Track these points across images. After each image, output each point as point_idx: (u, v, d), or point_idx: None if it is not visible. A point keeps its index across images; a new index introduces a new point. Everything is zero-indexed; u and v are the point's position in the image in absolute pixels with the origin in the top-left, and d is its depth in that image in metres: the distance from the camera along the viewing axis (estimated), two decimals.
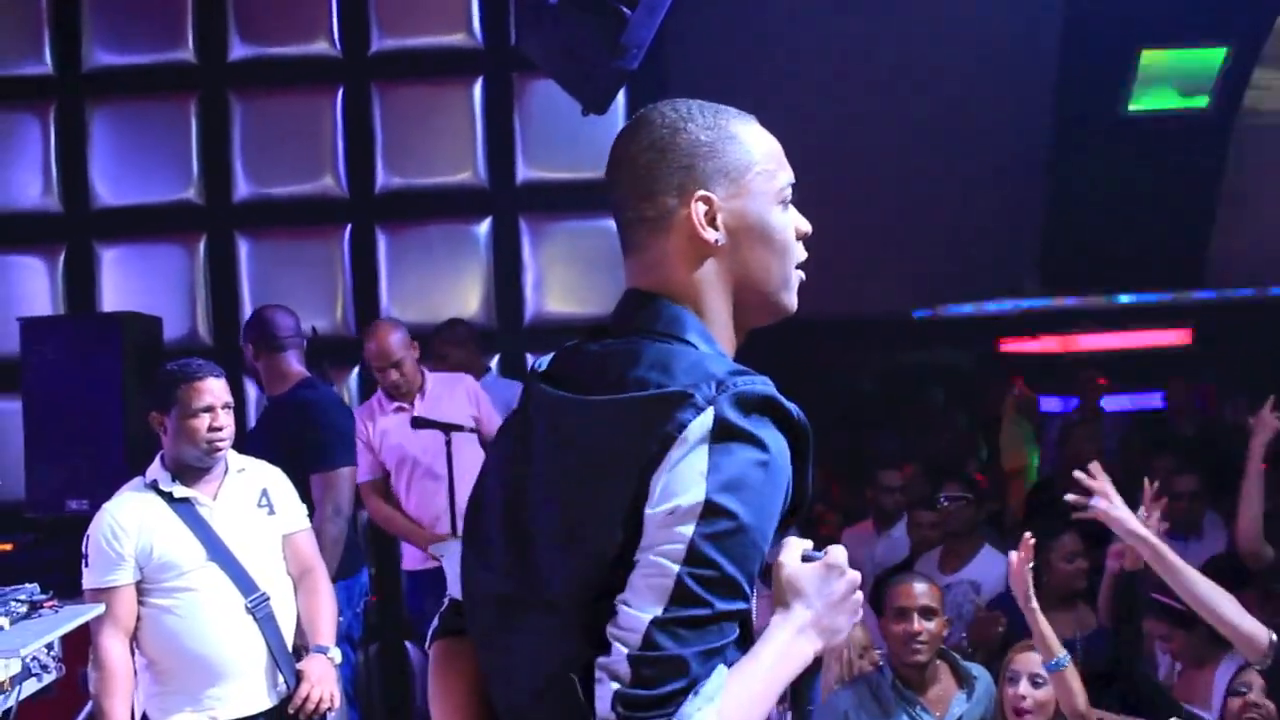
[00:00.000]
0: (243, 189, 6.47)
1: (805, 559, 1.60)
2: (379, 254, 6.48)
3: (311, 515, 4.03)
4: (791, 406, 1.52)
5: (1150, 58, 7.91)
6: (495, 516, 1.66)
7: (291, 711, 3.69)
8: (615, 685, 1.41)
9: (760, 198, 1.64)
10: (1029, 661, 3.69)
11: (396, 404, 5.37)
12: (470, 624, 1.71)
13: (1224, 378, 8.54)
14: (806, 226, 1.70)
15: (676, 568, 1.42)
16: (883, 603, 4.04)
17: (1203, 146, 8.25)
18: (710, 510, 1.43)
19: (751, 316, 1.67)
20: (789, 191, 1.67)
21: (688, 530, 1.43)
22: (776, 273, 1.65)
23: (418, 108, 6.52)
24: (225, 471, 3.72)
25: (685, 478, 1.44)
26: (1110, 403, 8.41)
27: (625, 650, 1.42)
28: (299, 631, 3.84)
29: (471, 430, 5.24)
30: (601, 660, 1.44)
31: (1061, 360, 8.89)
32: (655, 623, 1.41)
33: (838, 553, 1.61)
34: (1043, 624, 3.52)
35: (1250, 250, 8.65)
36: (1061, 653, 3.54)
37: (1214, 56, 8.00)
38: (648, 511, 1.46)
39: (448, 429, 5.14)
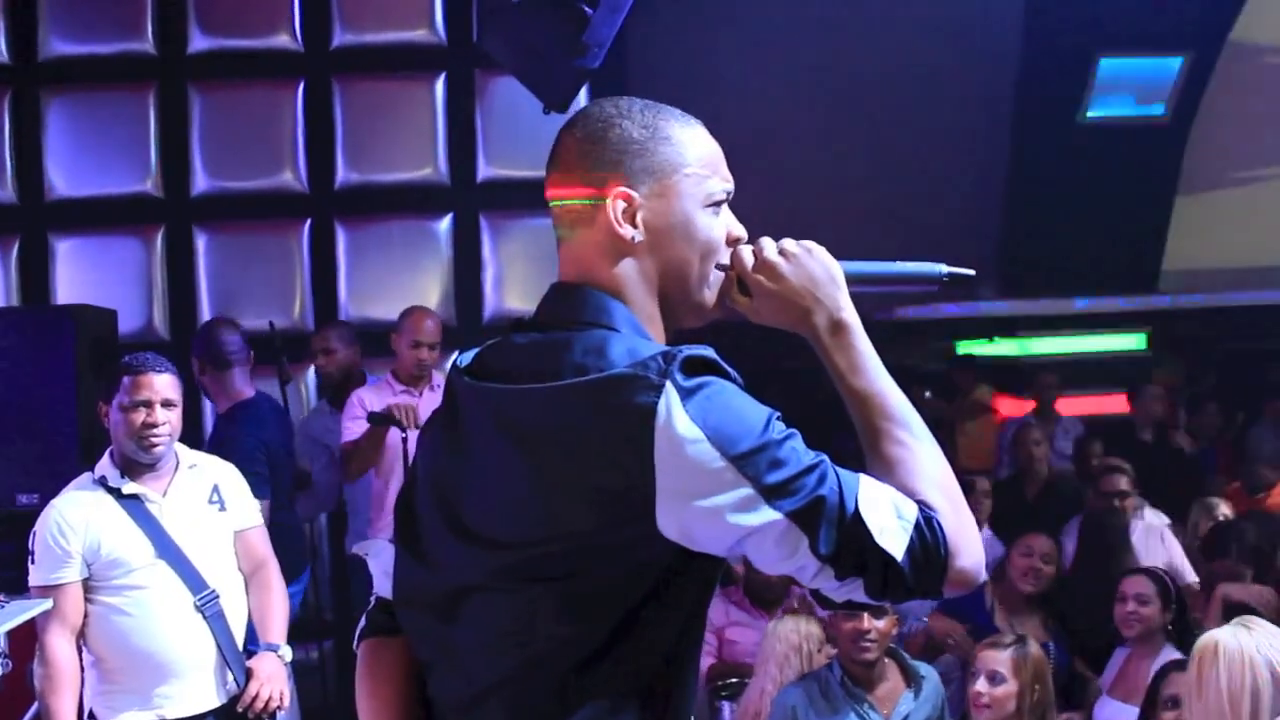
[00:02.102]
0: (201, 182, 6.42)
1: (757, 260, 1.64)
2: (338, 249, 6.46)
3: None
4: (731, 370, 1.53)
5: (1108, 65, 7.99)
6: (431, 514, 1.65)
7: (240, 710, 3.66)
8: (865, 593, 1.47)
9: (686, 199, 1.63)
10: (988, 659, 3.72)
11: (404, 388, 5.37)
12: (406, 622, 1.70)
13: (1179, 382, 8.64)
14: (740, 230, 1.69)
15: (776, 515, 1.44)
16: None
17: (1159, 153, 8.35)
18: (739, 461, 1.44)
19: (674, 315, 1.66)
20: (721, 197, 1.66)
21: (747, 490, 1.44)
22: (695, 272, 1.64)
23: (379, 103, 6.50)
24: (176, 468, 3.69)
25: (695, 459, 1.44)
26: (1066, 406, 8.49)
27: (817, 582, 1.48)
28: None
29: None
30: (847, 603, 1.55)
31: (1018, 363, 8.97)
32: (820, 556, 1.45)
33: (766, 244, 1.66)
34: None
35: (1204, 257, 8.77)
36: None
37: (1170, 64, 8.10)
38: (688, 513, 1.45)
39: (402, 426, 5.12)
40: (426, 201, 6.52)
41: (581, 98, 5.85)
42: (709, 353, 1.51)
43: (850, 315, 1.63)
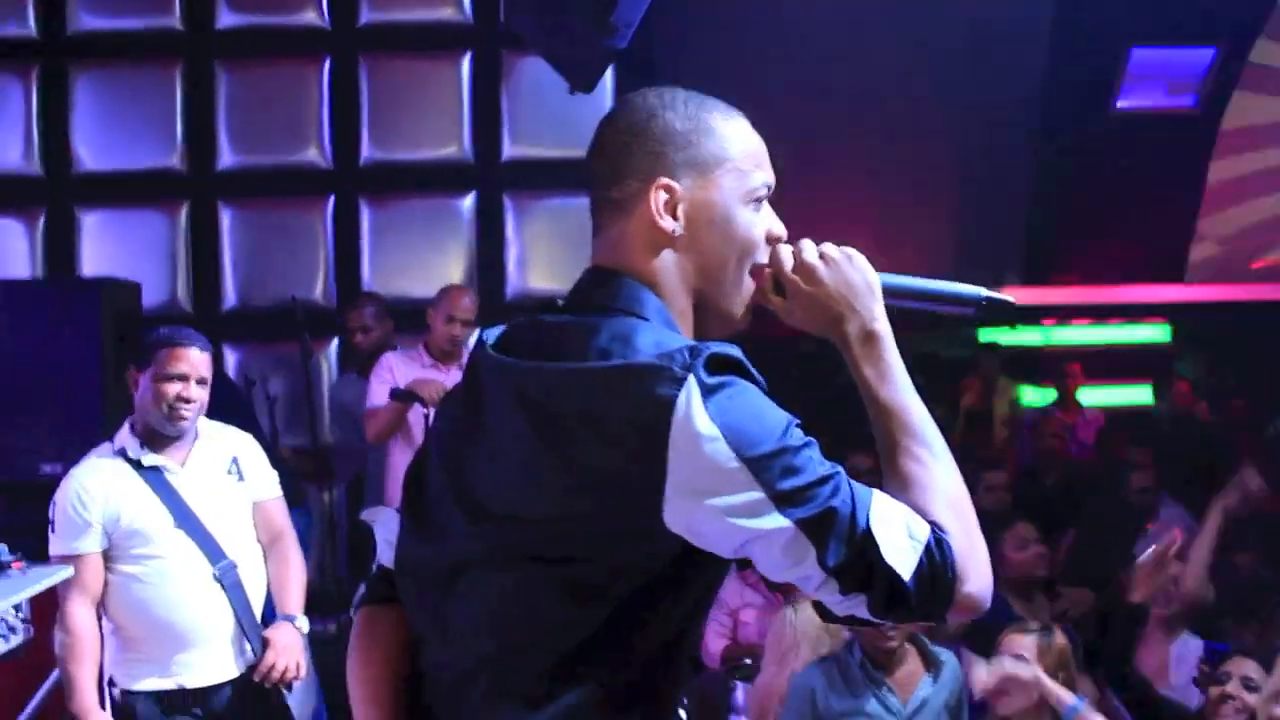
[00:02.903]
0: (227, 158, 6.45)
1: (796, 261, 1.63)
2: (362, 226, 6.49)
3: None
4: (756, 373, 1.51)
5: (1140, 55, 7.93)
6: (440, 486, 1.65)
7: (257, 680, 3.69)
8: (869, 611, 1.46)
9: (728, 194, 1.62)
10: (1013, 644, 3.74)
11: (434, 362, 5.40)
12: (404, 593, 1.70)
13: (1201, 374, 8.60)
14: (781, 229, 1.67)
15: (786, 522, 1.43)
16: None
17: (1189, 145, 8.29)
18: (753, 464, 1.43)
19: (707, 318, 1.65)
20: (763, 192, 1.65)
21: (758, 494, 1.43)
22: (732, 272, 1.63)
23: (405, 81, 6.52)
24: (195, 438, 3.70)
25: (710, 457, 1.43)
26: (1088, 395, 8.45)
27: (841, 596, 1.46)
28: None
29: None
30: (849, 618, 1.49)
31: (1042, 352, 8.93)
32: (826, 568, 1.44)
33: (807, 247, 1.64)
34: (1049, 687, 3.57)
35: (1230, 249, 8.72)
36: (1071, 701, 3.57)
37: (1202, 56, 8.03)
38: (698, 509, 1.44)
39: (425, 402, 5.15)
40: (450, 180, 6.53)
41: (607, 79, 5.86)
42: (735, 352, 1.50)
43: (883, 326, 1.62)
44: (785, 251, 1.65)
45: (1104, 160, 7.92)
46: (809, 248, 1.65)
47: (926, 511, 1.48)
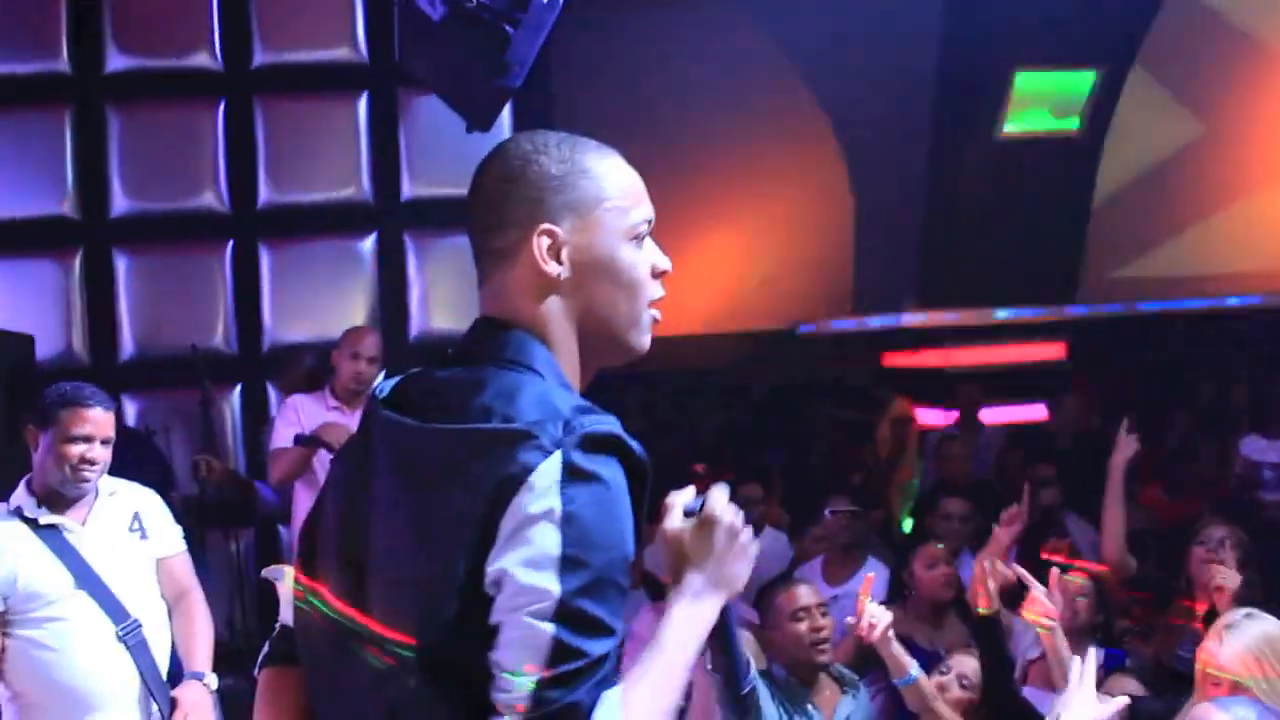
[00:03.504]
0: (120, 203, 6.33)
1: (686, 514, 1.63)
2: (262, 270, 6.40)
3: None
4: (635, 445, 1.51)
5: (1024, 80, 8.15)
6: (330, 545, 1.64)
7: None
8: None
9: (609, 233, 1.62)
10: (959, 662, 3.92)
11: (337, 404, 5.32)
12: (302, 652, 1.68)
13: (1097, 391, 8.81)
14: (665, 263, 1.68)
15: (550, 626, 1.41)
16: (770, 612, 4.08)
17: (1074, 166, 8.52)
18: (569, 564, 1.43)
19: (600, 354, 1.65)
20: (645, 228, 1.66)
21: (552, 587, 1.42)
22: (624, 310, 1.64)
23: (301, 122, 6.46)
24: (95, 496, 3.62)
25: (539, 530, 1.43)
26: (989, 415, 8.61)
27: (514, 715, 1.41)
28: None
29: None
30: None
31: (942, 374, 9.09)
32: (540, 684, 1.41)
33: (715, 500, 1.63)
34: (891, 650, 3.69)
35: (1120, 267, 8.97)
36: (911, 670, 3.64)
37: (1085, 79, 8.27)
38: (500, 564, 1.44)
39: (330, 447, 5.10)
40: (350, 221, 6.49)
41: (505, 116, 5.87)
42: (615, 429, 1.50)
43: (712, 607, 1.61)
44: (721, 497, 1.65)
45: (995, 183, 8.12)
46: (733, 514, 1.64)
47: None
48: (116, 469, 3.69)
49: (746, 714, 1.84)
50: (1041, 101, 8.34)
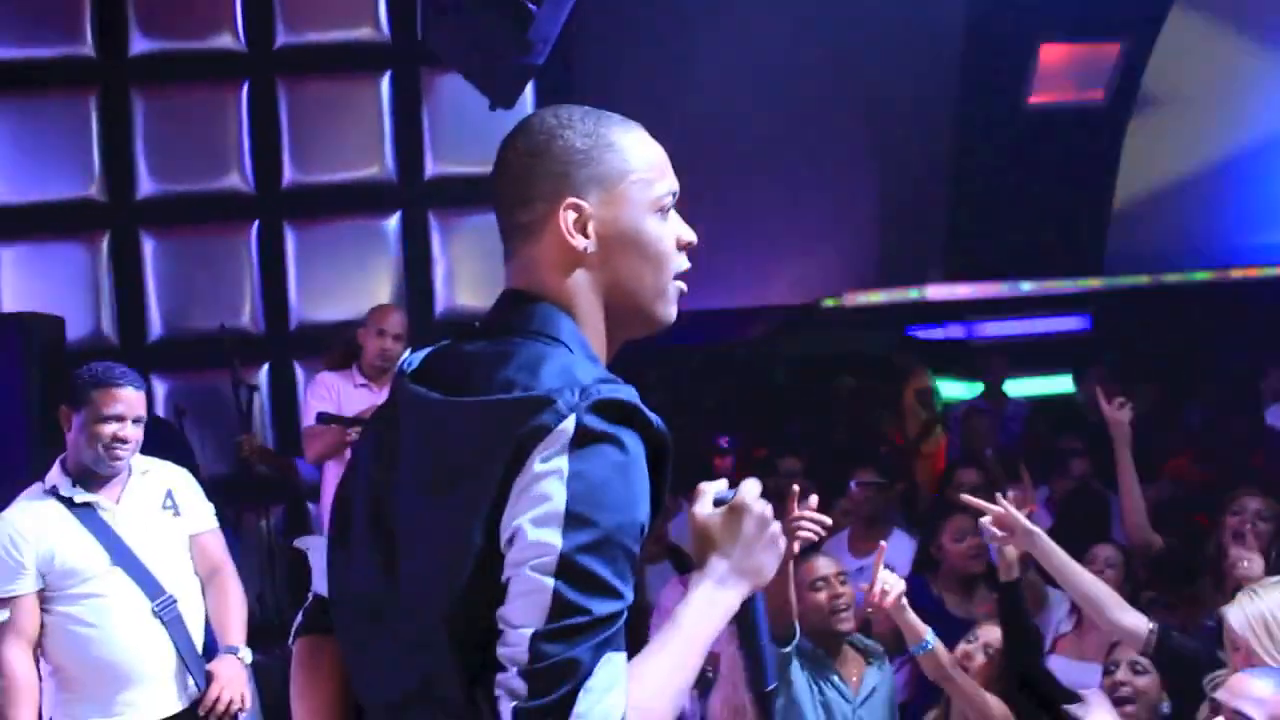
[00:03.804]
0: (146, 186, 6.37)
1: (717, 503, 1.62)
2: (287, 250, 6.44)
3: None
4: (653, 416, 1.52)
5: (1049, 52, 8.10)
6: (361, 516, 1.65)
7: (202, 714, 3.66)
8: (514, 703, 1.41)
9: (635, 206, 1.63)
10: (987, 631, 3.92)
11: (364, 381, 5.37)
12: (337, 622, 1.70)
13: (1122, 364, 8.77)
14: (690, 236, 1.69)
15: (551, 581, 1.42)
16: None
17: (1099, 138, 8.47)
18: (574, 520, 1.43)
19: (625, 326, 1.66)
20: (669, 200, 1.67)
21: (555, 541, 1.43)
22: (650, 282, 1.65)
23: (324, 103, 6.49)
24: (129, 474, 3.67)
25: (547, 487, 1.44)
26: (1014, 387, 8.60)
27: (516, 667, 1.42)
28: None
29: None
30: (500, 677, 1.44)
31: (967, 346, 9.07)
32: (537, 635, 1.41)
33: (747, 490, 1.62)
34: (905, 616, 3.71)
35: (1145, 239, 8.92)
36: (927, 638, 3.66)
37: (1109, 51, 8.21)
38: (514, 521, 1.45)
39: (348, 423, 5.15)
40: (374, 200, 6.51)
41: (527, 93, 5.88)
42: (630, 396, 1.51)
43: (737, 589, 1.60)
44: (751, 488, 1.63)
45: (1019, 155, 8.08)
46: (764, 505, 1.63)
47: (640, 704, 1.44)
48: (144, 451, 3.74)
49: (767, 710, 1.84)
50: (1066, 74, 8.30)
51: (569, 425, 1.46)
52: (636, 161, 1.64)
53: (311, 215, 6.45)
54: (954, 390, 8.61)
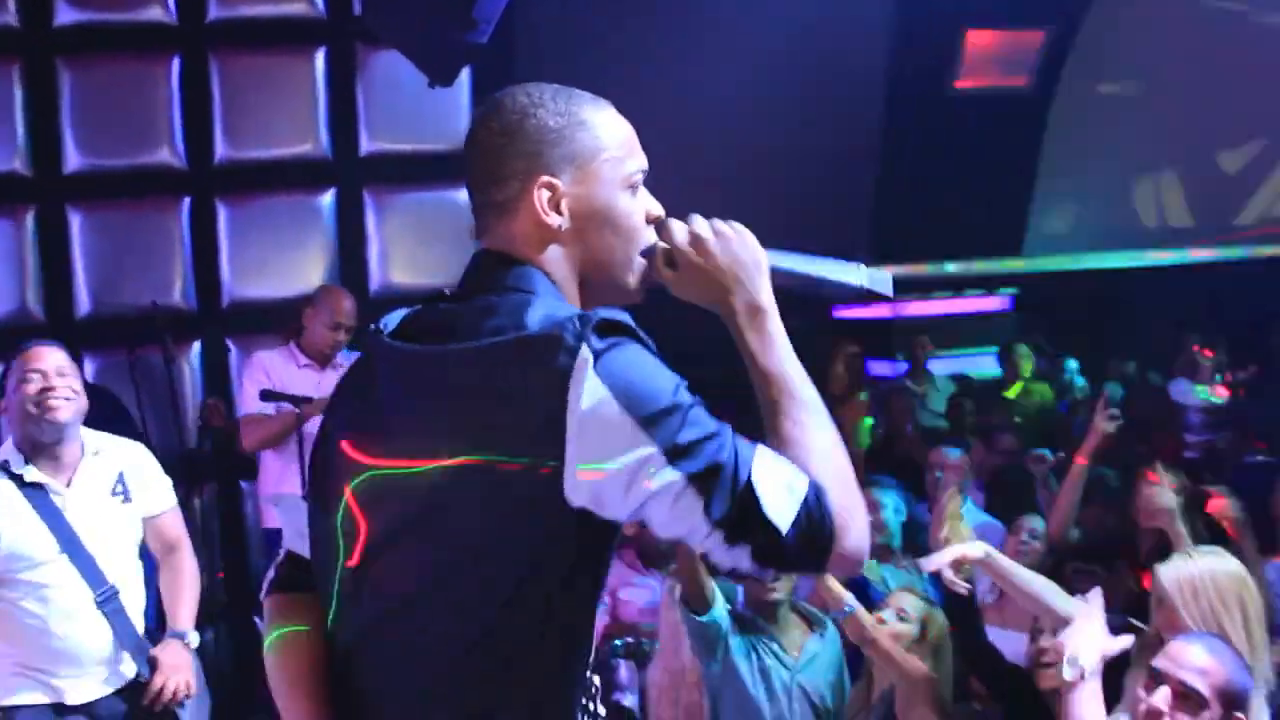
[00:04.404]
0: (74, 160, 6.24)
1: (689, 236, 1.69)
2: (219, 226, 6.35)
3: None
4: (644, 335, 1.57)
5: (976, 38, 8.24)
6: (346, 470, 1.68)
7: (147, 704, 3.63)
8: (751, 562, 1.51)
9: (607, 184, 1.67)
10: (900, 599, 4.05)
11: (308, 362, 5.34)
12: (320, 575, 1.73)
13: (1042, 341, 9.00)
14: (659, 210, 1.74)
15: (677, 475, 1.48)
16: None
17: (1023, 123, 8.65)
18: (646, 422, 1.48)
19: (599, 298, 1.70)
20: (639, 177, 1.71)
21: (649, 449, 1.48)
22: (620, 256, 1.69)
23: (257, 78, 6.39)
24: (81, 455, 3.63)
25: (605, 416, 1.48)
26: (938, 366, 8.79)
27: (726, 548, 1.50)
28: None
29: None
30: (730, 566, 1.53)
31: (892, 325, 9.23)
32: (711, 520, 1.49)
33: (697, 224, 1.70)
34: (828, 584, 3.80)
35: (1064, 222, 9.14)
36: (848, 602, 3.78)
37: (1034, 38, 8.39)
38: (603, 466, 1.49)
39: (297, 401, 5.14)
40: (309, 177, 6.45)
41: (464, 73, 5.87)
42: (624, 316, 1.56)
43: (768, 300, 1.67)
44: (678, 226, 1.70)
45: (945, 139, 8.22)
46: (702, 223, 1.70)
47: (807, 468, 1.53)
48: (92, 425, 3.70)
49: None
50: (992, 59, 8.47)
51: (585, 354, 1.50)
52: (608, 140, 1.68)
53: (244, 191, 6.37)
54: (880, 368, 8.77)
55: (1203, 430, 7.26)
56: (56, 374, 3.54)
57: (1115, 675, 3.28)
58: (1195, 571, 3.22)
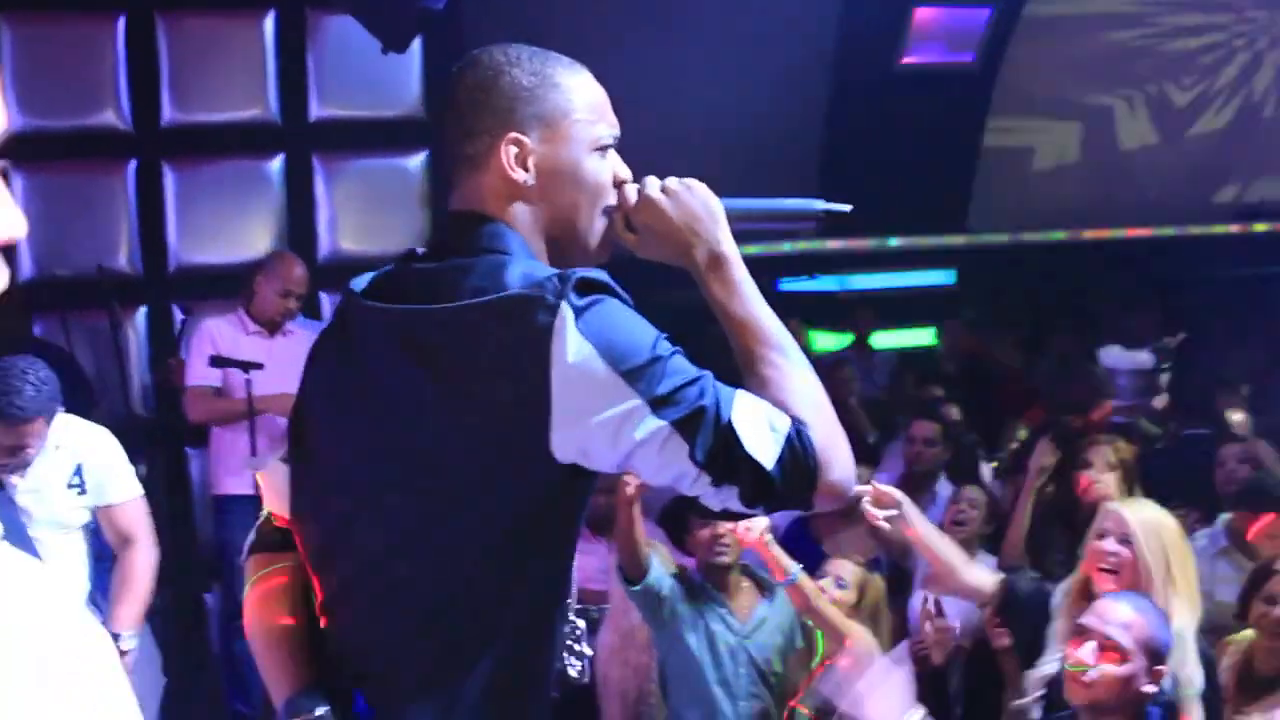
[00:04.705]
0: (17, 121, 6.14)
1: (641, 198, 1.75)
2: (166, 190, 6.30)
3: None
4: (622, 291, 1.63)
5: (922, 15, 8.31)
6: (328, 427, 1.72)
7: None
8: (740, 501, 1.56)
9: (575, 144, 1.72)
10: (838, 566, 4.13)
11: (258, 329, 5.32)
12: (304, 535, 1.76)
13: (985, 317, 9.14)
14: (626, 173, 1.79)
15: (661, 423, 1.53)
16: (679, 527, 4.30)
17: (968, 99, 8.75)
18: (629, 375, 1.54)
19: (564, 256, 1.74)
20: (608, 141, 1.76)
21: (634, 400, 1.53)
22: (585, 215, 1.74)
23: (205, 40, 6.34)
24: (41, 449, 3.55)
25: (590, 371, 1.53)
26: (881, 339, 8.90)
27: (714, 489, 1.56)
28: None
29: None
30: (716, 506, 1.59)
31: (837, 299, 9.32)
32: (697, 463, 1.54)
33: (649, 184, 1.76)
34: (772, 551, 3.89)
35: (1007, 199, 9.26)
36: (793, 571, 3.86)
37: (979, 15, 8.47)
38: (584, 427, 1.53)
39: (247, 367, 5.13)
40: (257, 142, 6.41)
41: (415, 39, 5.84)
42: (601, 275, 1.61)
43: (729, 248, 1.73)
44: (631, 190, 1.76)
45: (890, 115, 8.30)
46: (652, 183, 1.76)
47: (787, 407, 1.59)
48: None
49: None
50: (938, 35, 8.54)
51: (565, 312, 1.54)
52: (579, 102, 1.73)
53: (192, 155, 6.32)
54: (824, 341, 8.87)
55: (1132, 395, 7.46)
56: (21, 449, 3.44)
57: None
58: (1152, 515, 3.47)
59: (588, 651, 1.82)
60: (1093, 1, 8.90)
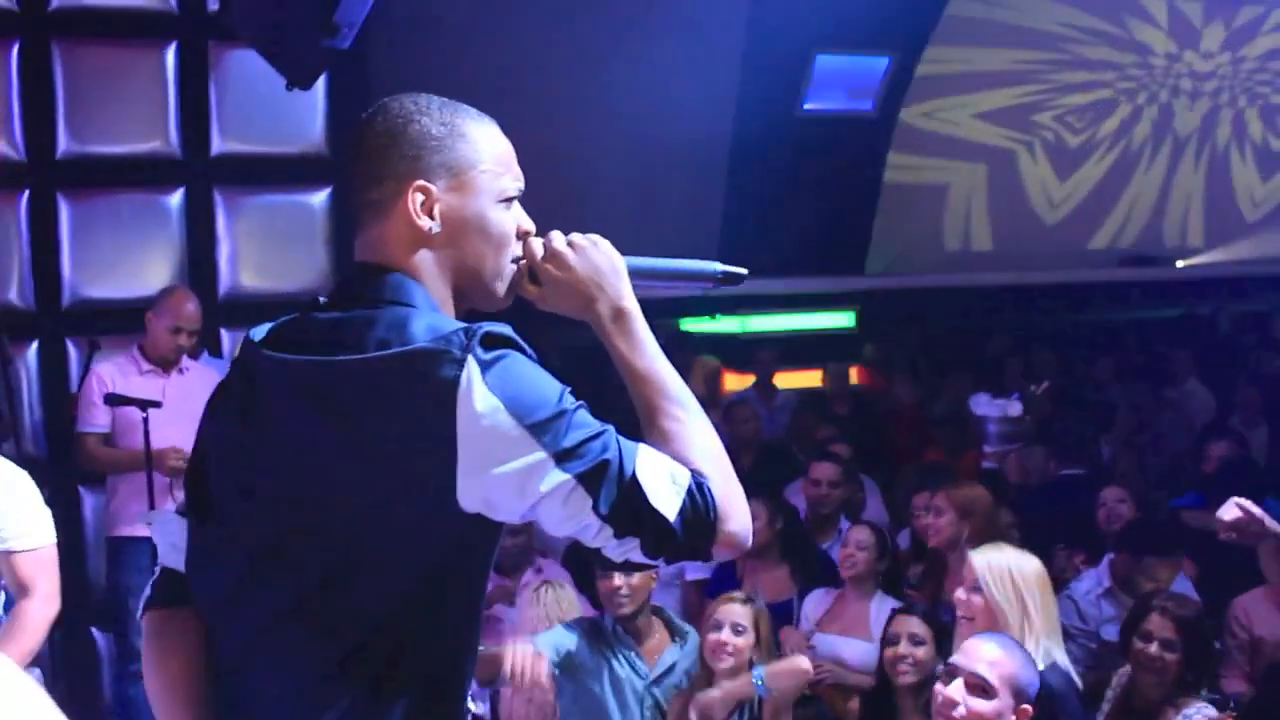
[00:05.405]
0: None
1: (547, 252, 1.78)
2: (61, 223, 6.15)
3: None
4: (527, 346, 1.65)
5: (824, 61, 8.50)
6: (226, 481, 1.71)
7: None
8: (642, 553, 1.59)
9: (481, 195, 1.74)
10: (730, 612, 4.05)
11: (151, 367, 5.21)
12: (199, 588, 1.74)
13: (884, 357, 9.30)
14: (529, 225, 1.81)
15: (565, 476, 1.56)
16: (585, 574, 4.30)
17: (867, 145, 8.95)
18: (535, 429, 1.56)
19: (468, 301, 1.77)
20: (513, 192, 1.79)
21: (538, 454, 1.55)
22: (490, 264, 1.75)
23: (104, 70, 6.22)
24: None
25: (494, 425, 1.55)
26: (785, 380, 9.00)
27: (616, 541, 1.59)
28: None
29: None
30: (618, 559, 1.61)
31: (739, 340, 9.42)
32: (600, 515, 1.57)
33: (555, 239, 1.79)
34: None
35: (903, 242, 9.48)
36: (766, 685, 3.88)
37: (878, 63, 8.69)
38: (487, 479, 1.55)
39: (144, 405, 5.03)
40: (157, 174, 6.30)
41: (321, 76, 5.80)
42: (507, 329, 1.63)
43: (631, 303, 1.76)
44: (536, 243, 1.78)
45: (792, 160, 8.45)
46: (558, 237, 1.79)
47: (687, 460, 1.62)
48: None
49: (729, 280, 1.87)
50: (839, 83, 8.73)
51: (472, 366, 1.56)
52: (486, 154, 1.75)
53: (88, 187, 6.18)
54: (728, 382, 8.94)
55: (999, 441, 7.66)
56: None
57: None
58: (1003, 559, 3.56)
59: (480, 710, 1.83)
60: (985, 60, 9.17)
